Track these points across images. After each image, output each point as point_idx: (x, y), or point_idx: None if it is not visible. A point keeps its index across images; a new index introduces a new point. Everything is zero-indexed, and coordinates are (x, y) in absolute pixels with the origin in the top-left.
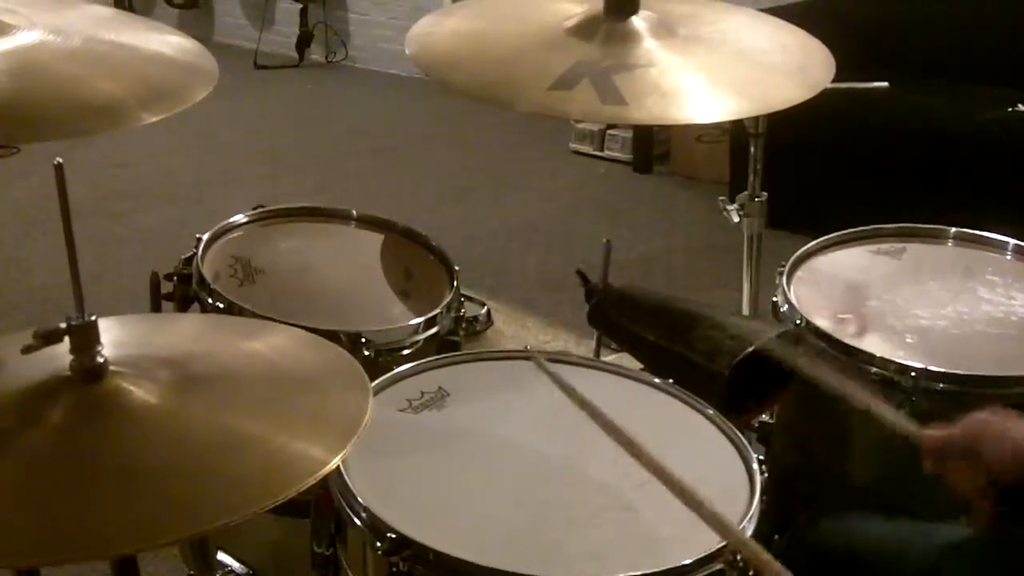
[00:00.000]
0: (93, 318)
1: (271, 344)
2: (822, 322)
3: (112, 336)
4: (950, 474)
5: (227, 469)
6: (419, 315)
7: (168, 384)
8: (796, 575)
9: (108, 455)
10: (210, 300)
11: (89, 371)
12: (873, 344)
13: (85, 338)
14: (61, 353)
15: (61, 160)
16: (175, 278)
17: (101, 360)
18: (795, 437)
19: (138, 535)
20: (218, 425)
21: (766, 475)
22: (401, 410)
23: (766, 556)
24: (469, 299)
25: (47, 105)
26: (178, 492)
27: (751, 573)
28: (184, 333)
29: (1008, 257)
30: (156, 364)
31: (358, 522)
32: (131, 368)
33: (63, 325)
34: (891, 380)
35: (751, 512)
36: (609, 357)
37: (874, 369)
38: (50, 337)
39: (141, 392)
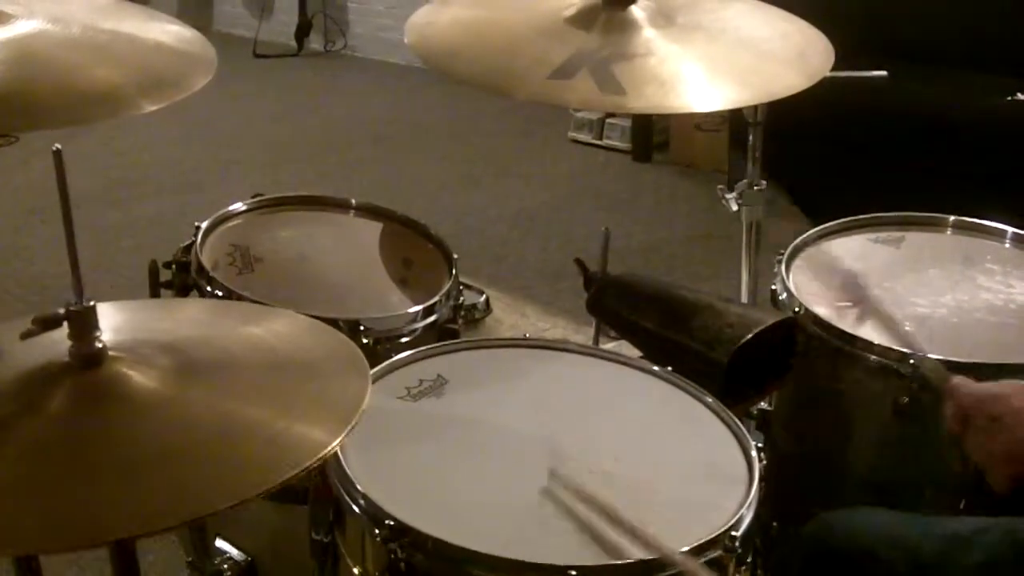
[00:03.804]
0: (91, 303)
1: (271, 329)
2: (821, 310)
3: (111, 322)
4: (970, 437)
5: (226, 454)
6: (418, 303)
7: (168, 369)
8: (795, 569)
9: (107, 441)
10: (209, 288)
11: (88, 357)
12: (872, 332)
13: (84, 324)
14: (60, 339)
15: (60, 147)
16: (174, 266)
17: (100, 346)
18: (794, 424)
19: (137, 521)
20: (217, 410)
21: (765, 462)
22: (400, 398)
23: None
24: (468, 287)
25: (46, 93)
26: (177, 477)
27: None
28: (184, 319)
29: (1007, 245)
30: (155, 350)
31: (356, 509)
32: (130, 354)
33: (62, 311)
34: (890, 368)
35: (750, 499)
36: (608, 345)
37: (873, 357)
38: (49, 323)
39: (140, 378)
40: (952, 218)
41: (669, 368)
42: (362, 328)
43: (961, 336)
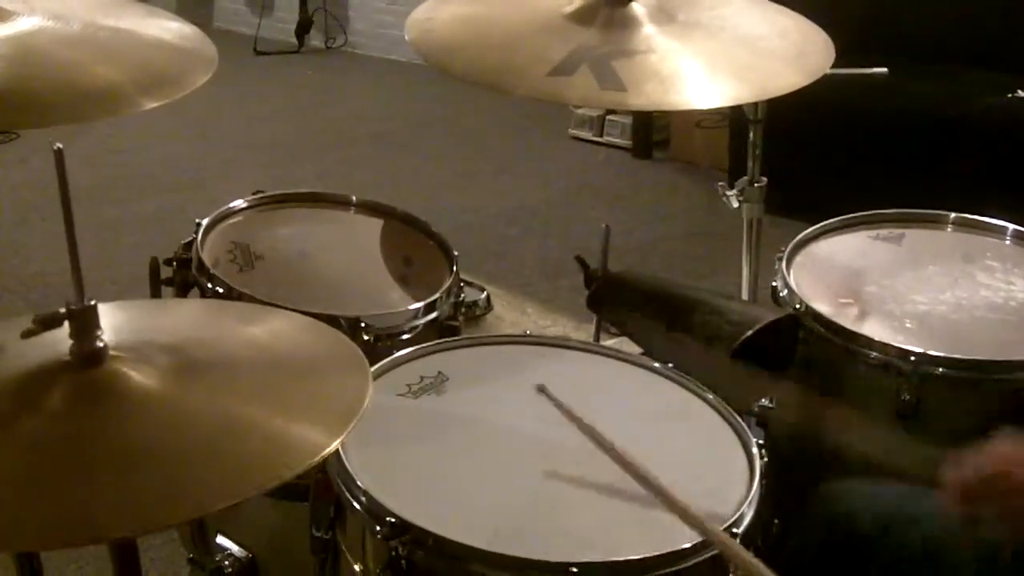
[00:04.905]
0: (92, 303)
1: (271, 329)
2: (822, 307)
3: (112, 321)
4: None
5: (226, 453)
6: (419, 300)
7: (168, 369)
8: (809, 545)
9: (107, 439)
10: (209, 285)
11: (89, 356)
12: (872, 329)
13: (85, 323)
14: (61, 338)
15: (61, 146)
16: (175, 263)
17: (101, 345)
18: (794, 421)
19: (138, 519)
20: (218, 409)
21: (766, 459)
22: (400, 395)
23: (751, 558)
24: (468, 284)
25: (46, 91)
26: (177, 476)
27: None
28: (184, 318)
29: (1007, 242)
30: (156, 349)
31: (357, 506)
32: (131, 353)
33: (63, 310)
34: (890, 364)
35: (751, 496)
36: (608, 342)
37: (874, 354)
38: (50, 322)
39: (141, 377)
40: (952, 215)
41: (670, 365)
42: (363, 325)
43: (961, 333)
